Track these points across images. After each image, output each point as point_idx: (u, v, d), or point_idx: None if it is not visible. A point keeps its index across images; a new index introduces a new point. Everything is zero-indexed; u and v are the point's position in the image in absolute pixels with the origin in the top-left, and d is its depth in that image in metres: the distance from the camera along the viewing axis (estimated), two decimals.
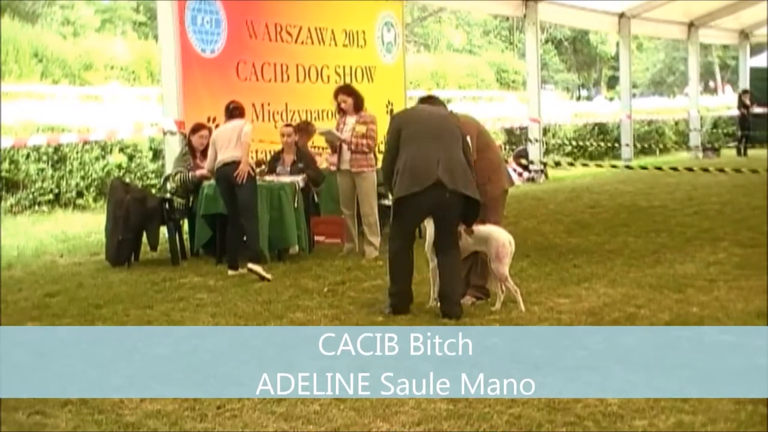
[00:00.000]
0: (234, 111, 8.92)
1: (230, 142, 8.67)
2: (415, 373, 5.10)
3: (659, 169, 16.47)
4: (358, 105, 9.73)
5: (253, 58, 11.98)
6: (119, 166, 14.39)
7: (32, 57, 22.19)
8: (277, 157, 10.35)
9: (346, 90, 9.92)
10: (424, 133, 6.75)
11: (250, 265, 8.26)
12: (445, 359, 5.43)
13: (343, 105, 9.72)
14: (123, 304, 7.34)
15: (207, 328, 6.48)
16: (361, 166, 9.62)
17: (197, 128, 10.03)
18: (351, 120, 9.63)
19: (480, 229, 6.84)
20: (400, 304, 6.75)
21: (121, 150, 14.50)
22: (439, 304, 6.74)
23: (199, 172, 9.68)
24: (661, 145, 26.48)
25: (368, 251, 9.59)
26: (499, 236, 6.79)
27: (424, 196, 6.60)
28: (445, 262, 6.75)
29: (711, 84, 47.94)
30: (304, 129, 11.04)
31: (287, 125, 10.48)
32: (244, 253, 8.56)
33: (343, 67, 13.43)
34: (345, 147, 9.62)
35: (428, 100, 7.38)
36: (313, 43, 12.97)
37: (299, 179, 9.71)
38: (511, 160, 19.35)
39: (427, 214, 6.79)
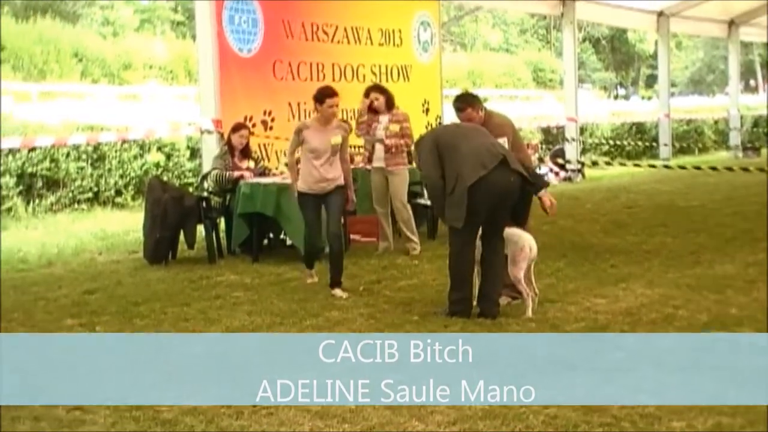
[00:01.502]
0: None
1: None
2: (451, 377, 5.08)
3: (698, 168, 16.31)
4: (390, 103, 9.76)
5: (289, 57, 12.02)
6: (157, 165, 14.51)
7: (72, 57, 22.50)
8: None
9: (378, 88, 9.95)
10: (465, 137, 6.69)
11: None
12: (479, 362, 5.41)
13: (375, 103, 9.74)
14: (160, 302, 7.40)
15: (242, 326, 6.51)
16: (397, 164, 9.65)
17: (237, 128, 10.11)
18: (384, 119, 9.65)
19: (505, 231, 6.80)
20: (463, 312, 6.60)
21: (159, 149, 14.63)
22: (476, 302, 6.70)
23: (237, 173, 9.75)
24: (700, 145, 26.22)
25: (410, 247, 9.60)
26: (518, 239, 6.73)
27: (492, 177, 6.41)
28: (491, 259, 6.65)
29: (752, 82, 47.36)
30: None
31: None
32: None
33: (379, 66, 13.43)
34: (378, 145, 9.65)
35: (464, 101, 7.27)
36: (349, 42, 12.99)
37: None
38: (547, 159, 19.27)
39: (497, 199, 6.50)
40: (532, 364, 5.30)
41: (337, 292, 7.47)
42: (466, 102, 7.25)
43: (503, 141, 6.94)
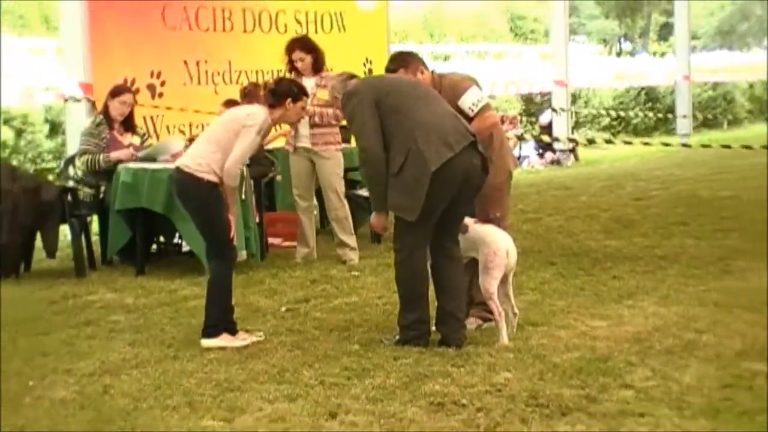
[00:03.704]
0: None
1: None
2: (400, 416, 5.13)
3: (727, 147, 16.55)
4: (318, 64, 9.77)
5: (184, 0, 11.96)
6: (4, 145, 14.36)
7: None
8: None
9: (302, 44, 9.95)
10: (419, 99, 6.71)
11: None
12: (440, 405, 5.46)
13: (299, 64, 9.75)
14: (9, 331, 7.29)
15: (123, 362, 6.48)
16: (326, 143, 9.65)
17: (119, 91, 10.06)
18: (309, 83, 9.62)
19: (476, 228, 6.83)
20: (418, 339, 6.62)
21: (6, 122, 14.47)
22: (435, 326, 6.74)
23: (115, 154, 9.67)
24: (730, 116, 26.63)
25: (346, 255, 9.63)
26: (493, 240, 6.76)
27: (458, 161, 6.47)
28: (450, 268, 6.70)
29: None
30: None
31: (228, 102, 10.37)
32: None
33: (306, 14, 13.43)
34: (303, 119, 9.63)
35: (400, 61, 7.27)
36: None
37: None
38: (529, 136, 19.44)
39: (457, 190, 6.55)
40: (510, 406, 5.35)
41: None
42: (398, 63, 7.26)
43: (473, 91, 7.06)
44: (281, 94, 7.14)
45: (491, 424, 5.10)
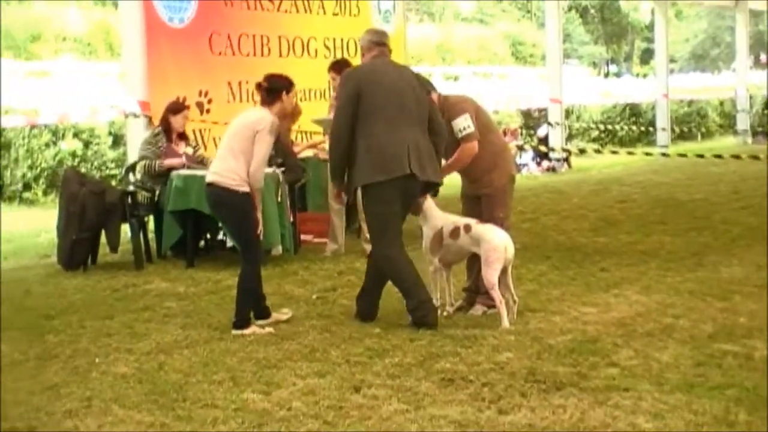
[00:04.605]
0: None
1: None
2: (418, 399, 5.13)
3: (701, 156, 16.49)
4: None
5: (228, 28, 11.98)
6: (73, 154, 14.41)
7: None
8: None
9: (334, 65, 9.94)
10: (390, 105, 6.74)
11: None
12: (449, 376, 5.46)
13: (332, 83, 9.73)
14: (78, 315, 7.34)
15: (175, 342, 6.49)
16: None
17: (179, 108, 10.07)
18: None
19: (477, 228, 6.84)
20: (426, 319, 6.67)
21: (76, 135, 14.53)
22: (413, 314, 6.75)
23: (168, 162, 9.70)
24: (703, 129, 26.53)
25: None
26: (492, 238, 6.77)
27: (390, 184, 6.67)
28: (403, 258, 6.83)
29: (762, 58, 47.95)
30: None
31: None
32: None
33: (333, 40, 13.42)
34: None
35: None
36: (298, 11, 12.97)
37: (281, 171, 9.72)
38: (528, 147, 19.39)
39: (396, 202, 6.77)
40: (511, 382, 5.34)
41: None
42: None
43: (464, 118, 7.05)
44: (276, 89, 7.02)
45: (495, 398, 5.10)
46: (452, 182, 7.53)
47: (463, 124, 7.09)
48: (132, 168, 10.15)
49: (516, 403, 5.02)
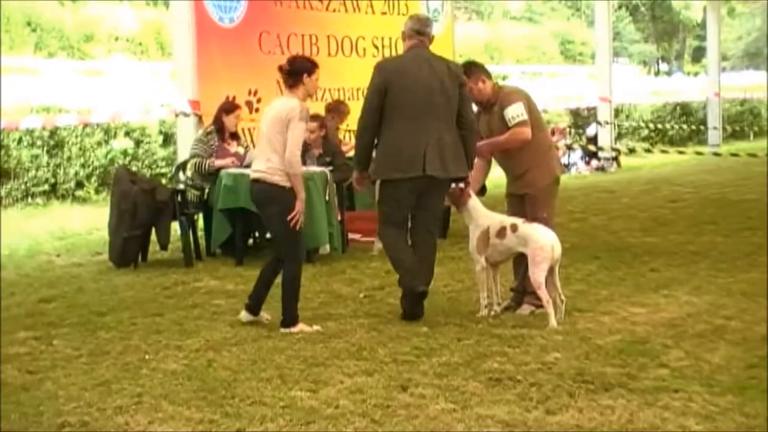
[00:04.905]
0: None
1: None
2: (467, 399, 5.12)
3: (753, 156, 16.31)
4: None
5: (277, 28, 12.02)
6: (125, 153, 14.54)
7: (25, 26, 22.46)
8: (305, 148, 10.35)
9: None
10: (415, 101, 6.82)
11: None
12: (497, 376, 5.44)
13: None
14: (129, 311, 7.41)
15: (224, 340, 6.53)
16: None
17: (232, 108, 10.16)
18: None
19: (524, 227, 6.81)
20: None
21: (127, 134, 14.65)
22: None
23: (219, 162, 9.75)
24: (756, 128, 26.20)
25: None
26: (539, 237, 6.74)
27: (405, 183, 6.87)
28: (418, 243, 7.07)
29: None
30: (336, 110, 11.08)
31: (313, 117, 10.30)
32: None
33: (382, 39, 13.42)
34: None
35: (464, 69, 7.18)
36: (347, 10, 12.99)
37: (329, 170, 9.73)
38: (577, 146, 19.29)
39: (412, 198, 6.97)
40: (559, 383, 5.31)
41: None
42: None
43: (518, 105, 7.03)
44: (298, 71, 6.91)
45: (542, 398, 5.08)
46: (499, 181, 7.49)
47: (517, 111, 7.07)
48: (182, 166, 10.23)
49: (564, 403, 4.99)
